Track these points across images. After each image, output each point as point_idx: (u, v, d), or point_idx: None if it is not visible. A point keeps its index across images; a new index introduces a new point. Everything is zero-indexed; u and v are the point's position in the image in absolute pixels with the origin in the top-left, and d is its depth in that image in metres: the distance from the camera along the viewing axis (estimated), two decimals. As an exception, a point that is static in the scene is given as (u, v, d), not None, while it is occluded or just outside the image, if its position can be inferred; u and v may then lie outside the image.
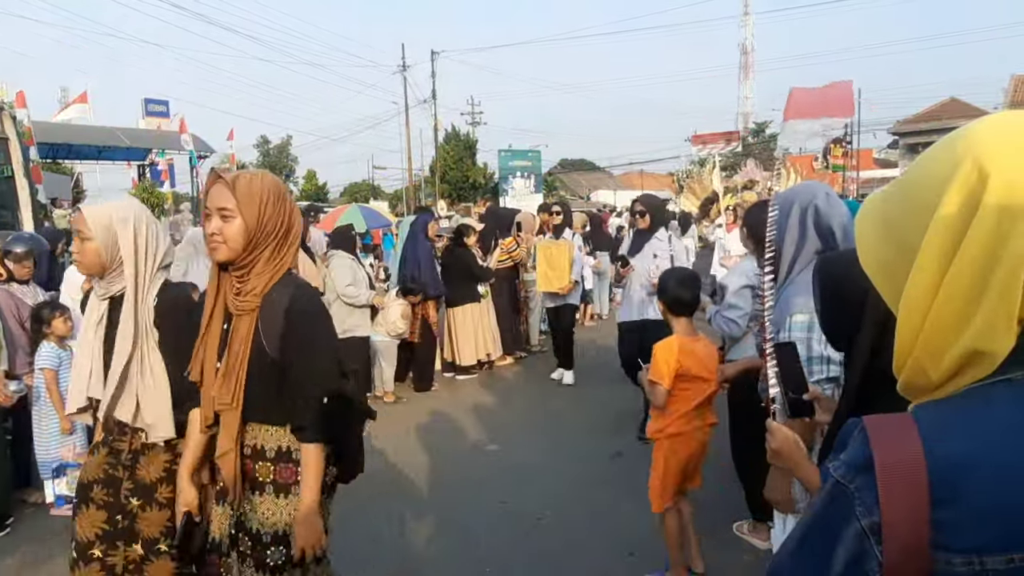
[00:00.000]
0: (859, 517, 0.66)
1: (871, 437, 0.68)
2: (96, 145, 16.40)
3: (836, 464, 0.71)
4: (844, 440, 0.73)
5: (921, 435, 0.66)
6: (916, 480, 0.64)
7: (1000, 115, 0.71)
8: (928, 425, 0.67)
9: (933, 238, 0.67)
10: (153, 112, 21.48)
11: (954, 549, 0.63)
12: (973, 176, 0.65)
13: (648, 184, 40.64)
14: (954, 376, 0.68)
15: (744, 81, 50.62)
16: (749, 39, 50.48)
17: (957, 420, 0.67)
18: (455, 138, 37.49)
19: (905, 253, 0.71)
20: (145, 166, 17.99)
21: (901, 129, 28.55)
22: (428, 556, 3.48)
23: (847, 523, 0.67)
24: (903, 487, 0.64)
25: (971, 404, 0.67)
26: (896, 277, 0.72)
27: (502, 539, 3.62)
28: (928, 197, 0.69)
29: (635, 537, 3.55)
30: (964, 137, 0.69)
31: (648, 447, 4.74)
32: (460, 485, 4.31)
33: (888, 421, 0.69)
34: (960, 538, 0.63)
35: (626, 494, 4.05)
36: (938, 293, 0.66)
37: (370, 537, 3.67)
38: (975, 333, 0.65)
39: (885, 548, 0.64)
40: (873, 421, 0.70)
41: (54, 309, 4.02)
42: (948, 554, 0.63)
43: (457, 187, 35.59)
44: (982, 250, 0.64)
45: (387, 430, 5.42)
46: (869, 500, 0.66)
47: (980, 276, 0.64)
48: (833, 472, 0.70)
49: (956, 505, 0.63)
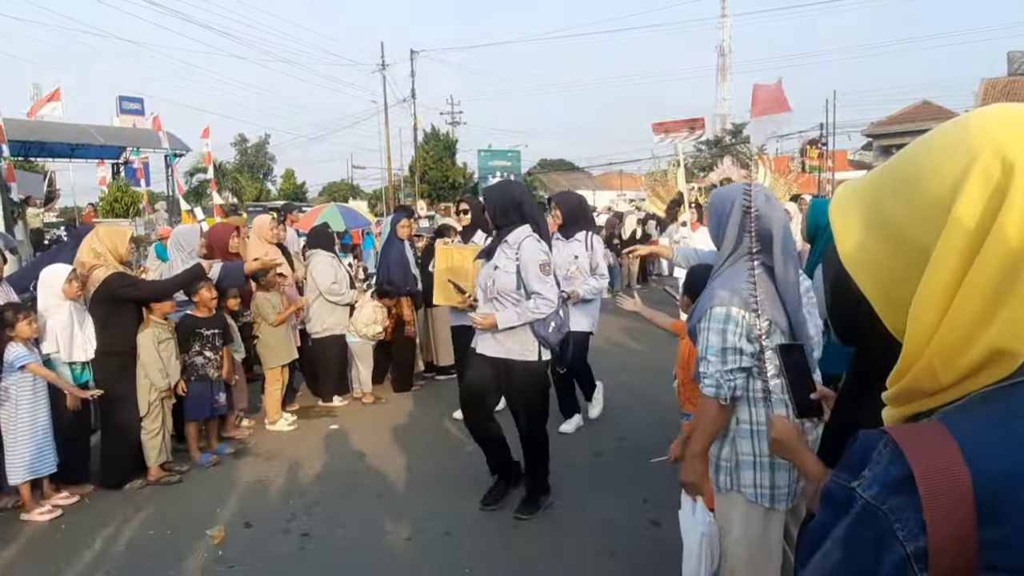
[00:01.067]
0: (903, 542, 0.59)
1: (906, 451, 0.61)
2: (69, 143, 16.08)
3: (863, 483, 0.63)
4: (863, 454, 0.65)
5: (960, 446, 0.60)
6: (963, 497, 0.58)
7: (1003, 106, 0.68)
8: (964, 434, 0.61)
9: (953, 235, 0.62)
10: (128, 110, 21.12)
11: (1003, 569, 0.58)
12: (996, 168, 0.62)
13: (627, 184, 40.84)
14: (967, 378, 0.64)
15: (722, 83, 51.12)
16: (727, 41, 51.00)
17: (994, 427, 0.61)
18: (435, 138, 37.39)
19: (905, 251, 0.67)
20: (120, 164, 17.69)
21: (875, 131, 28.98)
22: (408, 556, 3.47)
23: (886, 549, 0.60)
24: (949, 506, 0.58)
25: (1003, 409, 0.62)
26: (887, 276, 0.69)
27: (482, 539, 3.61)
28: (937, 192, 0.65)
29: (615, 536, 3.57)
30: (976, 126, 0.65)
31: (626, 448, 4.78)
32: (440, 485, 4.29)
33: (920, 432, 0.63)
34: (1010, 557, 0.58)
35: (606, 494, 4.07)
36: (958, 291, 0.62)
37: (349, 537, 3.65)
38: (999, 332, 0.61)
39: (931, 574, 0.59)
40: (902, 432, 0.63)
41: (18, 311, 3.93)
42: (996, 574, 0.58)
43: (437, 187, 35.49)
44: (1011, 245, 0.60)
45: (366, 431, 5.39)
46: (911, 523, 0.59)
47: (1008, 272, 0.61)
48: (862, 493, 0.62)
49: (1005, 521, 0.57)
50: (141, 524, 3.87)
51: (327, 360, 6.02)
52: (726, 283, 2.18)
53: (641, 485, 4.07)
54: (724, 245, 2.24)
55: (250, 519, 3.90)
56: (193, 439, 4.77)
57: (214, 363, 4.77)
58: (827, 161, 31.78)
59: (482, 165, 23.43)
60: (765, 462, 2.20)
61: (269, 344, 5.44)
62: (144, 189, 16.87)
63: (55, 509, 3.96)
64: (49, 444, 3.98)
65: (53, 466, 4.01)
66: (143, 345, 4.37)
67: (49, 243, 13.89)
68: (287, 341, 5.56)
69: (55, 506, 4.00)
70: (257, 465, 4.76)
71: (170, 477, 4.44)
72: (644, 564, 3.33)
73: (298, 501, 4.14)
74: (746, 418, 2.21)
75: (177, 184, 14.59)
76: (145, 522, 3.89)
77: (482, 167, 23.40)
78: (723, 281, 2.20)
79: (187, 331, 4.68)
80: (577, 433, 5.15)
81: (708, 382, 2.17)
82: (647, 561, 3.34)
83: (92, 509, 4.08)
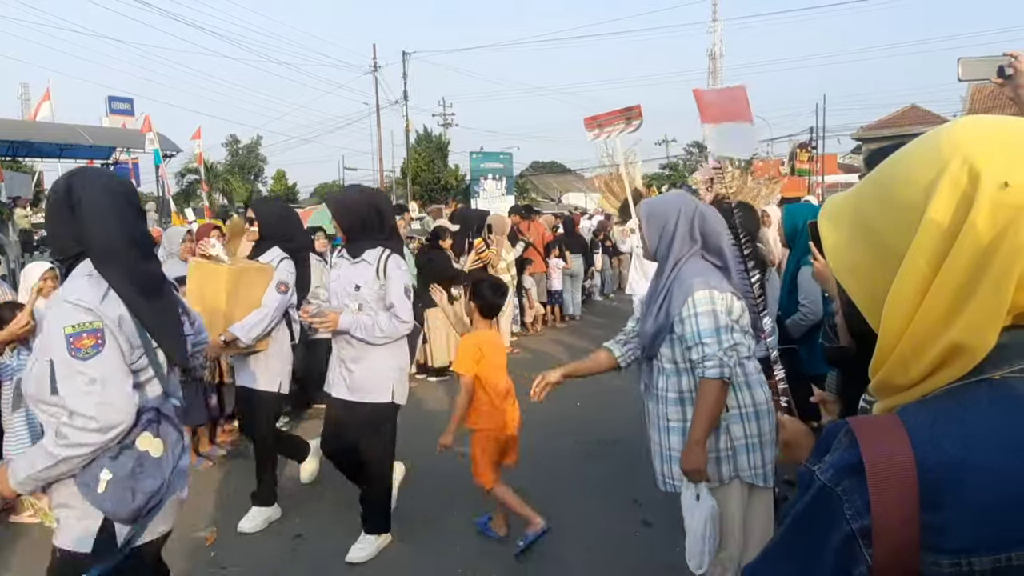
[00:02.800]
0: (849, 520, 0.65)
1: (859, 439, 0.67)
2: (58, 143, 15.97)
3: (822, 467, 0.69)
4: (827, 442, 0.71)
5: (910, 436, 0.65)
6: (906, 482, 0.63)
7: (975, 118, 0.73)
8: (916, 426, 0.66)
9: (925, 236, 0.67)
10: (117, 110, 21.04)
11: (943, 550, 0.63)
12: (963, 175, 0.66)
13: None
14: (932, 374, 0.69)
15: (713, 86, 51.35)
16: (717, 45, 51.23)
17: (943, 421, 0.66)
18: (426, 140, 37.35)
19: (882, 254, 0.71)
20: (109, 165, 17.60)
21: (864, 135, 29.26)
22: (401, 558, 3.47)
23: (835, 527, 0.66)
24: (893, 490, 0.64)
25: (955, 404, 0.67)
26: (870, 279, 0.73)
27: (474, 542, 3.62)
28: (911, 198, 0.69)
29: (606, 536, 3.59)
30: (946, 138, 0.70)
31: (615, 448, 4.81)
32: (431, 488, 4.30)
33: (875, 423, 0.69)
34: (949, 539, 0.62)
35: (597, 494, 4.09)
36: (929, 289, 0.67)
37: (341, 539, 3.65)
38: (963, 326, 0.66)
39: (875, 551, 0.64)
40: (859, 423, 0.69)
41: (15, 309, 3.92)
42: (936, 555, 0.63)
43: (428, 189, 35.46)
44: (977, 246, 0.65)
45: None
46: (859, 503, 0.65)
47: (975, 271, 0.65)
48: (819, 475, 0.69)
49: (945, 507, 0.62)
50: (132, 526, 3.85)
51: (316, 363, 5.98)
52: (695, 273, 2.31)
53: (631, 485, 4.09)
54: (675, 248, 2.37)
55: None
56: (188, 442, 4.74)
57: (208, 367, 4.75)
58: (816, 164, 32.02)
59: (473, 167, 23.35)
60: (755, 443, 2.32)
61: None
62: (134, 190, 16.77)
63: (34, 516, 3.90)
64: None
65: None
66: None
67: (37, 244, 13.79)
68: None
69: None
70: (249, 467, 4.73)
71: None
72: (636, 564, 3.35)
73: (290, 503, 4.13)
74: (735, 403, 2.32)
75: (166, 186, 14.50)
76: (136, 524, 3.87)
77: (473, 169, 23.33)
78: (691, 272, 2.32)
79: None
80: (566, 434, 5.17)
81: (711, 363, 2.22)
82: (639, 561, 3.36)
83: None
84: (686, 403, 2.36)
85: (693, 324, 2.25)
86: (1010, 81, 1.89)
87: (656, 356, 2.43)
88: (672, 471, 2.38)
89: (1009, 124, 0.70)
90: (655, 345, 2.40)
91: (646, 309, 2.50)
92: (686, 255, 2.36)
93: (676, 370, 2.38)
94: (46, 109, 16.37)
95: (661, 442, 2.43)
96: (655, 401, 2.45)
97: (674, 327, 2.33)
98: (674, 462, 2.34)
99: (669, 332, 2.36)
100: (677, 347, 2.36)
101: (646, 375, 2.52)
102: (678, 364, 2.38)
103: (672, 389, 2.39)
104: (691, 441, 2.27)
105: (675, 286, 2.33)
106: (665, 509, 3.24)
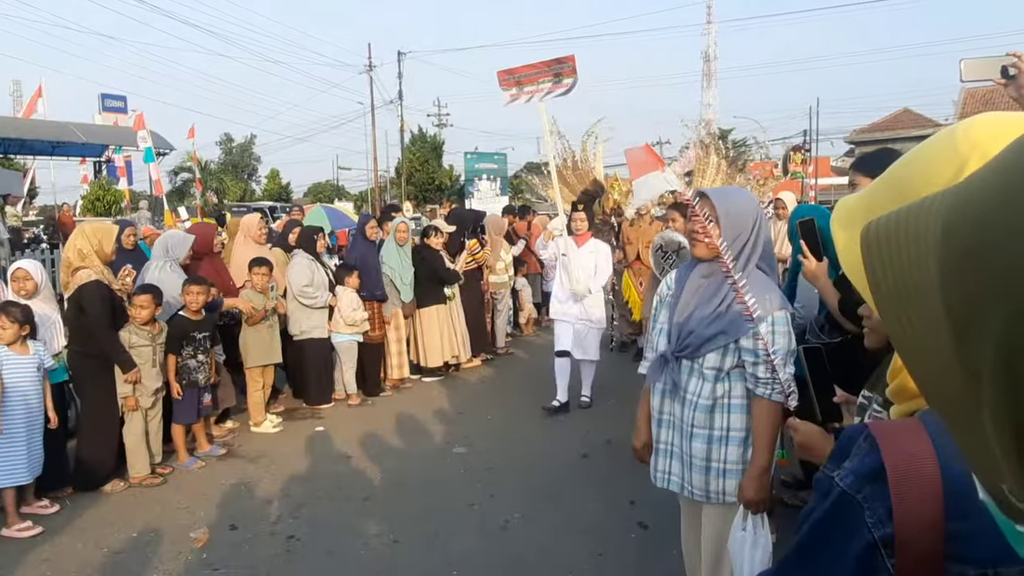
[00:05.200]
0: (871, 529, 0.63)
1: (881, 444, 0.65)
2: (50, 141, 15.88)
3: (842, 473, 0.67)
4: (846, 447, 0.69)
5: (933, 442, 0.63)
6: (931, 490, 0.61)
7: (989, 115, 0.71)
8: (939, 431, 0.63)
9: None
10: (110, 108, 20.91)
11: (969, 560, 0.60)
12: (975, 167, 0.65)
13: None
14: None
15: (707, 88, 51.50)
16: (712, 48, 51.38)
17: None
18: (421, 140, 37.31)
19: None
20: (101, 162, 17.50)
21: (857, 138, 29.42)
22: (395, 559, 3.46)
23: (856, 535, 0.64)
24: (917, 497, 0.61)
25: None
26: None
27: (470, 541, 3.61)
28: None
29: (603, 537, 3.58)
30: (963, 135, 0.69)
31: (613, 449, 4.81)
32: (427, 487, 4.29)
33: (897, 428, 0.67)
34: (975, 549, 0.60)
35: (593, 495, 4.09)
36: None
37: (335, 540, 3.64)
38: None
39: (897, 561, 0.62)
40: (881, 428, 0.67)
41: (9, 307, 3.88)
42: (962, 565, 0.61)
43: (423, 189, 35.43)
44: None
45: (352, 432, 5.37)
46: (881, 511, 0.63)
47: None
48: (840, 482, 0.67)
49: (971, 516, 0.59)
50: (124, 527, 3.82)
51: (306, 364, 5.96)
52: (770, 288, 2.21)
53: (628, 487, 4.08)
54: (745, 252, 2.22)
55: (235, 521, 3.86)
56: (180, 442, 4.72)
57: (205, 366, 4.73)
58: (809, 167, 32.14)
59: (468, 167, 23.34)
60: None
61: (247, 344, 5.38)
62: (126, 187, 16.68)
63: (34, 527, 3.77)
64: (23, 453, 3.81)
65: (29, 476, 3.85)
66: None
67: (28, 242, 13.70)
68: (268, 342, 5.48)
69: (34, 513, 3.91)
70: (242, 467, 4.73)
71: (153, 480, 4.39)
72: (632, 566, 3.34)
73: (284, 503, 4.11)
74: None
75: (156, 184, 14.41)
76: (128, 525, 3.84)
77: (468, 169, 23.32)
78: (765, 286, 2.21)
79: (180, 333, 4.62)
80: (564, 434, 5.17)
81: (778, 388, 2.15)
82: (635, 563, 3.36)
83: (73, 512, 4.02)
84: (715, 410, 2.26)
85: (771, 342, 2.16)
86: (1013, 81, 1.89)
87: (697, 358, 2.27)
88: (691, 477, 2.29)
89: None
90: (703, 349, 2.25)
91: (694, 308, 2.28)
92: (752, 263, 2.23)
93: (715, 376, 2.26)
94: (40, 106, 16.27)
95: (681, 446, 2.32)
96: (682, 404, 2.32)
97: (741, 339, 2.20)
98: (695, 469, 2.27)
99: (732, 341, 2.21)
100: (730, 355, 2.23)
101: (673, 374, 2.34)
102: (720, 371, 2.25)
103: (706, 395, 2.26)
104: (756, 471, 2.16)
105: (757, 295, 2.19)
106: (661, 511, 3.24)
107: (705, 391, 2.26)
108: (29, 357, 3.85)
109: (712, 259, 2.25)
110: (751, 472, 2.18)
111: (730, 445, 2.24)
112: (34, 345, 3.91)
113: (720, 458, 2.25)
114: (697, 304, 2.28)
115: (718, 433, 2.25)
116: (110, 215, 14.81)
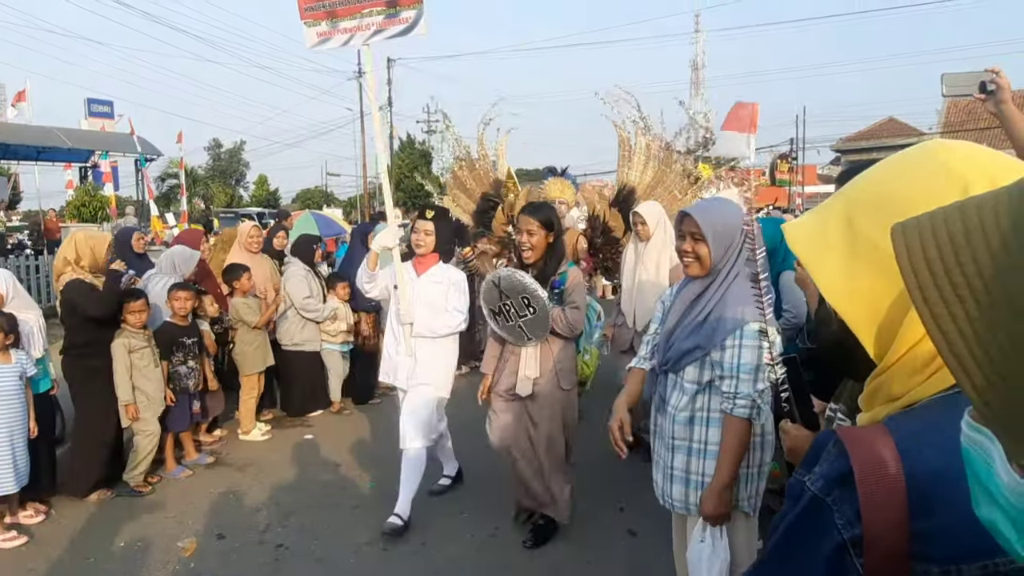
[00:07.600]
0: (840, 530, 0.66)
1: (849, 449, 0.67)
2: (35, 146, 15.74)
3: (812, 477, 0.70)
4: (816, 452, 0.72)
5: (898, 447, 0.66)
6: (895, 492, 0.64)
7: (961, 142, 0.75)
8: (903, 436, 0.67)
9: None
10: (96, 113, 20.71)
11: (932, 559, 0.63)
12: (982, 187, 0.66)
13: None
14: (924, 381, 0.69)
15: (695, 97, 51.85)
16: (700, 56, 51.78)
17: (930, 430, 0.66)
18: (410, 146, 37.34)
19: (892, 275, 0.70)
20: (87, 168, 17.35)
21: (843, 147, 29.71)
22: (384, 567, 3.45)
23: (827, 536, 0.67)
24: (883, 499, 0.64)
25: (941, 413, 0.67)
26: (873, 300, 0.72)
27: (458, 549, 3.61)
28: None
29: (591, 544, 3.59)
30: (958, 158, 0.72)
31: (601, 454, 4.80)
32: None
33: (864, 433, 0.69)
34: (938, 548, 0.63)
35: (581, 501, 4.09)
36: None
37: (324, 549, 3.62)
38: None
39: (866, 560, 0.65)
40: (848, 433, 0.69)
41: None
42: (926, 564, 0.63)
43: (412, 195, 35.40)
44: None
45: (341, 441, 5.35)
46: (849, 513, 0.66)
47: None
48: (810, 486, 0.69)
49: (934, 516, 0.63)
50: (111, 536, 3.79)
51: (292, 375, 5.92)
52: (745, 300, 2.08)
53: (617, 492, 4.09)
54: (731, 264, 2.20)
55: (223, 530, 3.84)
56: (169, 450, 4.68)
57: (195, 372, 4.71)
58: (796, 175, 32.43)
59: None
60: (754, 472, 2.25)
61: (244, 352, 5.37)
62: (112, 193, 16.55)
63: (19, 536, 3.74)
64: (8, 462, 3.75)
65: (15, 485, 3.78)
66: (114, 356, 4.28)
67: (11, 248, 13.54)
68: (263, 348, 5.48)
69: (22, 523, 3.87)
70: (230, 475, 4.70)
71: (141, 488, 4.35)
72: (620, 573, 3.35)
73: (272, 512, 4.09)
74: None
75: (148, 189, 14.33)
76: (115, 534, 3.81)
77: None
78: (741, 298, 2.14)
79: (168, 340, 4.60)
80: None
81: (742, 403, 2.13)
82: (623, 570, 3.37)
83: (60, 520, 3.98)
84: (695, 423, 2.26)
85: (734, 355, 2.14)
86: (992, 96, 1.92)
87: (678, 371, 2.29)
88: (671, 489, 2.31)
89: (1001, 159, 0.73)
90: (682, 362, 2.26)
91: (677, 321, 2.30)
92: (737, 273, 2.20)
93: (695, 389, 2.26)
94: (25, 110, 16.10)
95: (665, 459, 2.34)
96: (665, 416, 2.34)
97: (712, 352, 2.19)
98: (675, 481, 2.28)
99: (706, 354, 2.21)
100: (707, 369, 2.23)
101: (661, 387, 2.37)
102: (699, 384, 2.25)
103: (685, 408, 2.27)
104: (718, 486, 2.16)
105: (725, 310, 2.18)
106: (650, 517, 3.25)
107: (684, 404, 2.27)
108: (11, 366, 3.81)
109: (705, 276, 2.24)
110: (712, 486, 2.18)
111: (707, 459, 2.24)
112: (16, 354, 3.86)
113: (698, 471, 2.25)
114: (681, 317, 2.30)
115: (697, 446, 2.25)
116: (95, 221, 14.68)
